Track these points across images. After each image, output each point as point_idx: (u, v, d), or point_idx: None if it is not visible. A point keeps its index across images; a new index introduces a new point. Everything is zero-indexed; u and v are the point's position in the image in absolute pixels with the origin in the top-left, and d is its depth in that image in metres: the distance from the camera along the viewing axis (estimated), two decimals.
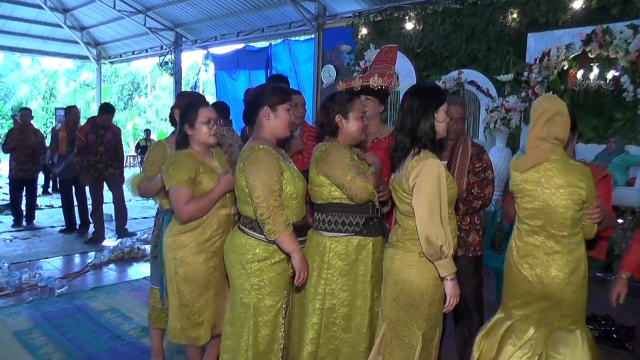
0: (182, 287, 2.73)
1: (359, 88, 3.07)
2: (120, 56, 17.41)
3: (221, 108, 4.90)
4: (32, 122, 7.98)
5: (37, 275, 5.09)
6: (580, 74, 6.66)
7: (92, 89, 26.75)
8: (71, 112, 7.47)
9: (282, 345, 2.57)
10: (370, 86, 3.06)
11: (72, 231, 7.42)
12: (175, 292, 2.75)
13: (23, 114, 7.82)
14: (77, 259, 6.10)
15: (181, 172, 2.63)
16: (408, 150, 2.38)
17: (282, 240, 2.40)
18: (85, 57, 17.93)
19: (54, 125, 16.42)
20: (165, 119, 22.99)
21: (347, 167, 2.52)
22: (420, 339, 2.42)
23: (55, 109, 18.04)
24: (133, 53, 16.70)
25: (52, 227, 7.84)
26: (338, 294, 2.61)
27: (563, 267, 2.36)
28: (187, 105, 2.81)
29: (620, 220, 5.76)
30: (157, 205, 3.17)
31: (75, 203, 7.51)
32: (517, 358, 2.46)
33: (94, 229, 7.11)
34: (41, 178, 11.86)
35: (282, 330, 2.57)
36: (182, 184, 2.61)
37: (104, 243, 6.71)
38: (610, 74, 6.38)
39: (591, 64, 6.58)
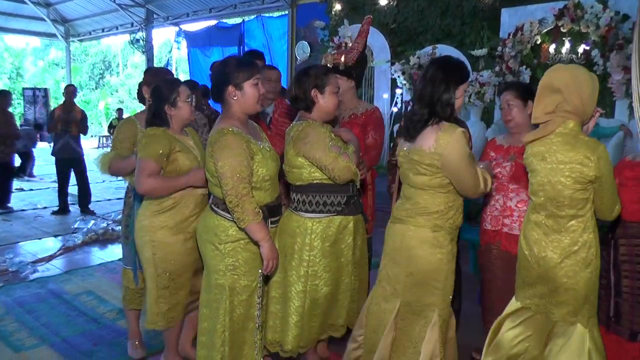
0: (162, 268, 2.69)
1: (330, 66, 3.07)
2: (90, 34, 17.00)
3: (193, 87, 4.82)
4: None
5: (7, 260, 5.00)
6: (552, 48, 6.71)
7: (62, 68, 26.06)
8: (68, 91, 7.28)
9: (258, 325, 2.56)
10: (340, 67, 3.07)
11: (65, 213, 7.30)
12: (154, 275, 2.70)
13: None
14: (50, 242, 5.98)
15: (155, 145, 2.57)
16: (426, 122, 2.30)
17: (251, 229, 2.35)
18: (53, 35, 17.44)
19: (22, 106, 16.03)
20: None
21: (328, 148, 2.46)
22: (436, 314, 2.40)
23: (23, 89, 17.57)
24: (103, 30, 16.33)
25: (24, 210, 7.68)
26: (321, 275, 2.60)
27: (557, 249, 2.24)
28: (164, 83, 2.72)
29: None
30: (127, 184, 3.11)
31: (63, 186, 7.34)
32: (511, 337, 2.40)
33: None
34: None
35: (258, 309, 2.55)
36: (152, 156, 2.55)
37: (77, 225, 6.58)
38: (582, 47, 6.44)
39: (563, 38, 6.63)
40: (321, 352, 3.04)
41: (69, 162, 7.25)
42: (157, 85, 2.72)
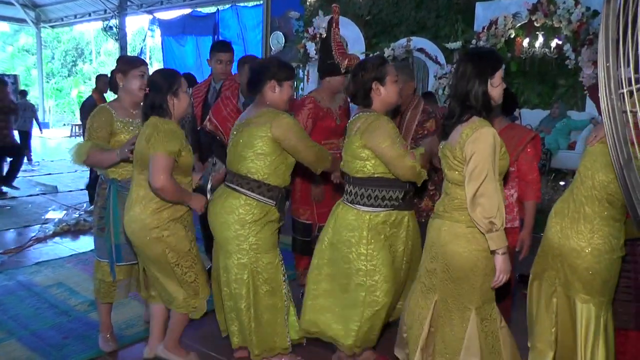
0: (179, 261, 2.66)
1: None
2: (62, 20, 16.66)
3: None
4: None
5: None
6: (526, 42, 6.81)
7: (32, 54, 25.45)
8: (104, 81, 6.82)
9: (286, 303, 2.72)
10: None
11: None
12: (173, 268, 2.66)
13: None
14: (19, 232, 5.87)
15: (174, 141, 2.52)
16: (459, 117, 2.26)
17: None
18: (23, 20, 17.01)
19: None
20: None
21: (397, 144, 2.48)
22: (473, 313, 2.32)
23: None
24: (75, 17, 16.00)
25: None
26: (380, 270, 2.56)
27: (584, 234, 2.25)
28: (163, 73, 2.68)
29: (562, 183, 6.03)
30: (102, 176, 3.05)
31: None
32: (545, 321, 2.44)
33: None
34: None
35: (285, 287, 2.71)
36: (171, 153, 2.49)
37: (48, 216, 6.47)
38: (554, 42, 6.55)
39: (537, 33, 6.73)
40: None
41: None
42: (156, 75, 2.66)
